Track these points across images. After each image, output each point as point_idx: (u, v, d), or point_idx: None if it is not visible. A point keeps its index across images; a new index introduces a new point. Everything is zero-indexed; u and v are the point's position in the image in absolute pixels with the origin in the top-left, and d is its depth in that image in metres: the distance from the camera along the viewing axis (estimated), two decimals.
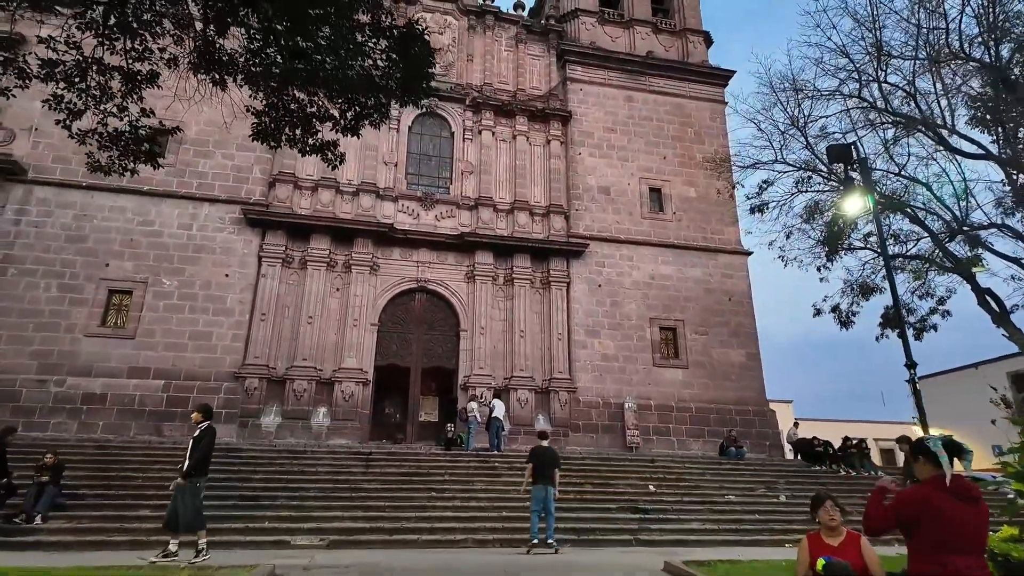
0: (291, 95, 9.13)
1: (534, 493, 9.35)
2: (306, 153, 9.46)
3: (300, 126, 9.19)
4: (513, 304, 19.56)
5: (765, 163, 14.99)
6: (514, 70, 23.20)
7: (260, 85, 8.96)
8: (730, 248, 22.34)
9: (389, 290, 19.05)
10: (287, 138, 9.34)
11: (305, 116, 9.16)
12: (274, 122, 9.24)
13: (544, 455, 9.65)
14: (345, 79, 8.75)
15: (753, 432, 20.00)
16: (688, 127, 23.75)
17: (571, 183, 21.60)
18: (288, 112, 9.17)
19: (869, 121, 13.28)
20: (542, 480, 9.32)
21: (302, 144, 9.33)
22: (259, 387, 16.88)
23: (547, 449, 9.89)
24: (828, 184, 14.26)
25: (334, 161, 9.53)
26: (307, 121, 9.17)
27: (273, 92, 8.96)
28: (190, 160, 18.73)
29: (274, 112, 9.21)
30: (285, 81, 8.90)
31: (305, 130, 9.23)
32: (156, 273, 17.36)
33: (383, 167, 20.30)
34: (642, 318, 20.48)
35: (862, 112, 13.33)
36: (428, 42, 8.55)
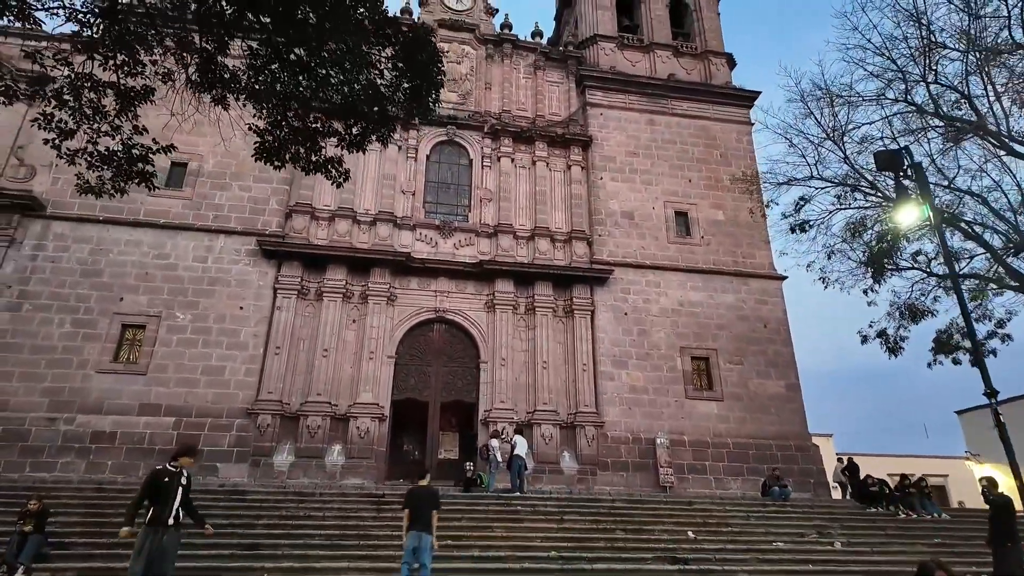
0: (294, 111, 8.64)
1: (406, 541, 8.00)
2: (309, 171, 8.92)
3: (304, 143, 8.65)
4: (535, 334, 18.72)
5: (800, 180, 14.07)
6: (533, 97, 22.86)
7: (263, 102, 8.49)
8: (763, 272, 21.25)
9: (407, 321, 18.39)
10: (291, 156, 8.81)
11: (309, 132, 8.64)
12: (277, 141, 8.73)
13: (421, 496, 8.29)
14: (351, 92, 8.25)
15: (796, 469, 18.57)
16: (714, 149, 23.00)
17: (593, 208, 20.91)
18: (292, 129, 8.67)
19: (911, 131, 12.33)
20: (417, 525, 7.98)
21: (305, 161, 8.78)
22: (272, 424, 16.21)
23: (425, 489, 8.49)
24: (870, 199, 13.28)
25: (338, 179, 8.97)
26: (311, 138, 8.64)
27: (276, 108, 8.48)
28: (207, 192, 18.57)
29: (277, 130, 8.71)
30: (288, 97, 8.43)
31: (309, 147, 8.69)
32: (170, 307, 17.01)
33: (401, 196, 19.90)
34: (672, 347, 19.41)
35: (905, 120, 12.42)
36: (435, 45, 7.96)
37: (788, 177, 14.11)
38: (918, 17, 11.55)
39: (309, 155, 8.74)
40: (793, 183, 14.20)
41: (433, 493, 8.44)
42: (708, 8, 26.25)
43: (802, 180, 14.01)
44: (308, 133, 8.65)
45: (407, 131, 20.78)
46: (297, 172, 19.29)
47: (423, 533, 7.94)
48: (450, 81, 22.14)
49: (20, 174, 17.66)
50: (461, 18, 23.44)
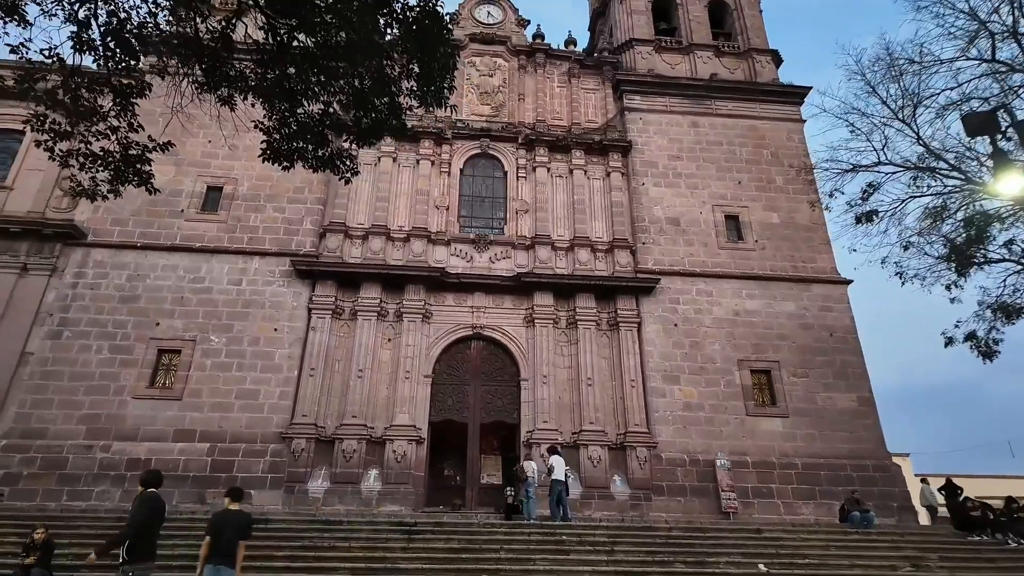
0: (303, 106, 8.05)
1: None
2: (318, 167, 8.27)
3: (312, 139, 8.04)
4: (578, 349, 17.60)
5: (866, 166, 12.63)
6: (568, 105, 22.12)
7: (271, 99, 7.93)
8: (825, 277, 19.57)
9: (443, 338, 17.62)
10: (299, 153, 8.20)
11: (317, 128, 8.01)
12: (285, 139, 8.14)
13: (225, 521, 6.70)
14: (359, 83, 7.61)
15: (875, 492, 16.65)
16: (763, 149, 21.62)
17: (636, 215, 19.80)
18: (300, 126, 8.07)
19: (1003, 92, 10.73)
20: (216, 557, 6.42)
21: (313, 157, 8.15)
22: (306, 448, 15.59)
23: (231, 514, 6.84)
24: (951, 182, 11.68)
25: (346, 174, 8.34)
26: (320, 134, 8.01)
27: (283, 103, 7.90)
28: (241, 215, 18.47)
29: (285, 129, 8.12)
30: (295, 93, 7.85)
31: (318, 143, 8.06)
32: (205, 330, 16.78)
33: (434, 211, 19.34)
34: (729, 360, 17.92)
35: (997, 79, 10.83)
36: (442, 17, 7.21)
37: (852, 164, 12.72)
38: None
39: (316, 151, 8.10)
40: (859, 170, 12.77)
41: (241, 519, 6.83)
42: (749, 7, 25.09)
43: (868, 167, 12.58)
44: (316, 129, 8.02)
45: (439, 146, 20.37)
46: (330, 192, 19.25)
47: (222, 567, 6.41)
48: (482, 94, 21.77)
49: (63, 205, 17.97)
50: (492, 31, 23.08)
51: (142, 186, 8.25)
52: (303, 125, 7.97)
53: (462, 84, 22.10)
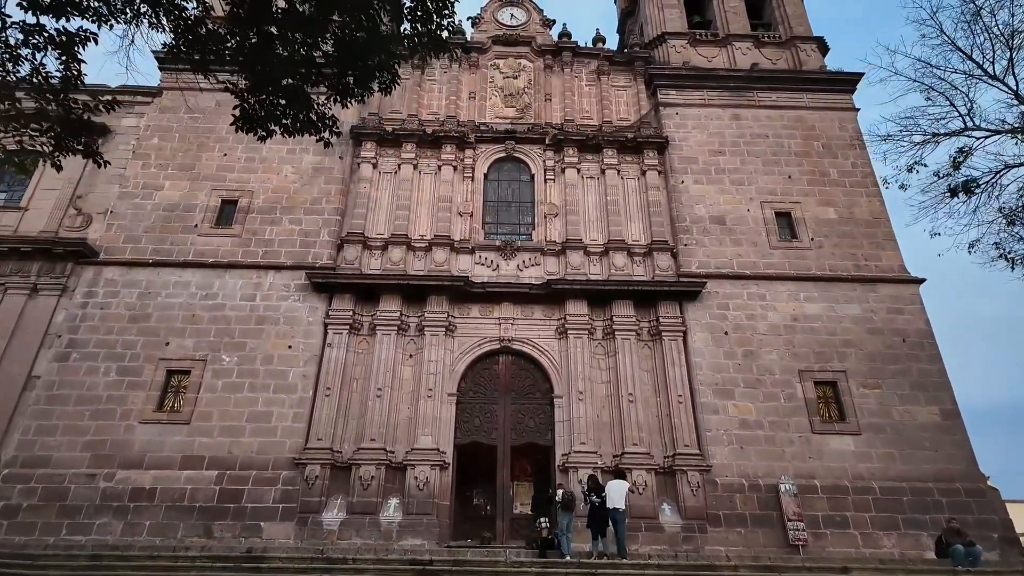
0: (283, 66, 6.88)
1: None
2: (295, 132, 7.01)
3: (294, 102, 6.83)
4: (616, 361, 15.91)
5: (948, 134, 10.78)
6: (598, 103, 20.78)
7: (249, 61, 6.78)
8: (893, 276, 17.46)
9: (468, 353, 16.20)
10: (277, 117, 7.00)
11: (299, 90, 6.80)
12: (261, 104, 6.95)
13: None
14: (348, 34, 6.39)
15: (970, 520, 14.32)
16: (814, 140, 19.77)
17: (676, 215, 18.16)
18: (279, 88, 6.88)
19: None
20: None
21: (293, 121, 6.93)
22: (321, 475, 14.25)
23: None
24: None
25: (324, 134, 6.99)
26: (300, 93, 6.80)
27: (262, 63, 6.73)
28: (256, 228, 17.60)
29: (262, 94, 6.95)
30: (274, 50, 6.68)
31: (300, 105, 6.85)
32: (216, 349, 15.78)
33: (457, 219, 18.12)
34: (788, 371, 15.95)
35: None
36: None
37: (931, 133, 10.90)
38: None
39: (298, 114, 6.88)
40: (939, 139, 10.93)
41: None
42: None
43: (952, 133, 10.74)
44: (297, 88, 6.81)
45: (462, 150, 19.26)
46: (349, 202, 18.26)
47: None
48: (507, 96, 20.67)
49: (76, 223, 17.43)
50: (516, 33, 22.08)
51: (91, 159, 7.02)
52: (283, 88, 6.75)
53: (485, 87, 21.12)
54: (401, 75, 20.94)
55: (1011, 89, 9.75)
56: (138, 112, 19.74)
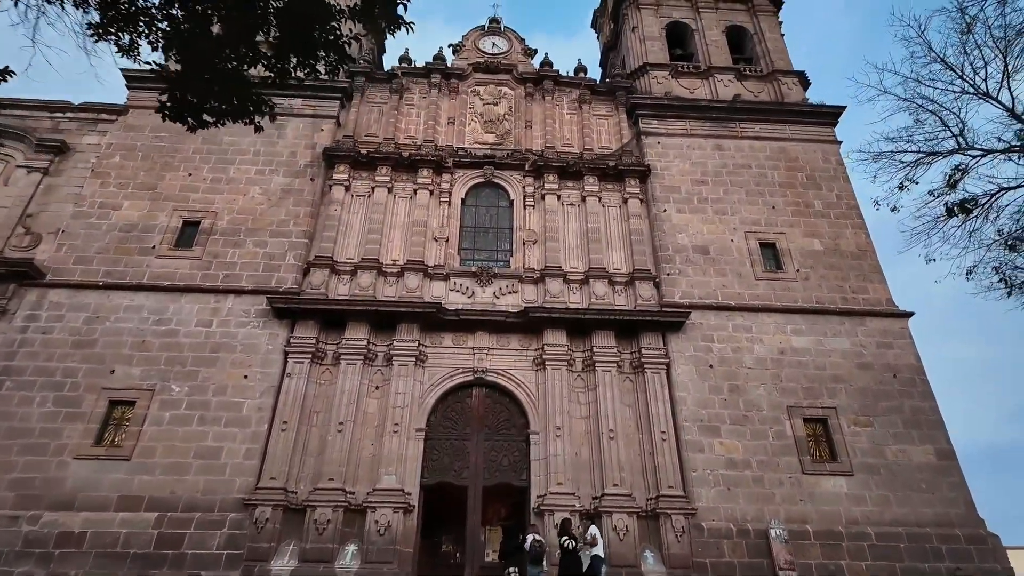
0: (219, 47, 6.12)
1: None
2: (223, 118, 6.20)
3: (230, 85, 6.04)
4: (596, 395, 15.00)
5: (942, 153, 10.31)
6: (579, 132, 20.40)
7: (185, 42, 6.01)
8: (881, 309, 16.92)
9: (439, 385, 15.18)
10: (209, 103, 6.20)
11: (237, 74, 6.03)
12: (192, 90, 6.16)
13: None
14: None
15: (971, 569, 13.44)
16: (797, 171, 19.49)
17: (658, 244, 17.56)
18: (214, 71, 6.11)
19: None
20: None
21: (230, 107, 6.13)
22: (272, 518, 12.98)
23: None
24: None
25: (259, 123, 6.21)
26: (237, 76, 6.02)
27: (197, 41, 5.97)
28: (218, 251, 16.64)
29: (196, 80, 6.16)
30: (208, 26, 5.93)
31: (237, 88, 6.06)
32: (166, 378, 14.60)
33: (432, 244, 17.34)
34: (776, 407, 15.14)
35: None
36: None
37: (923, 152, 10.42)
38: None
39: (233, 99, 6.09)
40: (931, 158, 10.45)
41: None
42: (770, 30, 23.66)
43: (945, 153, 10.27)
44: (236, 75, 6.05)
45: (439, 175, 18.64)
46: (319, 225, 17.43)
47: None
48: (487, 122, 20.24)
49: (24, 243, 16.34)
50: (497, 60, 21.83)
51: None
52: (220, 72, 5.98)
53: (464, 113, 20.68)
54: (378, 98, 20.60)
55: (1006, 107, 9.36)
56: (101, 130, 18.92)
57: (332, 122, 19.39)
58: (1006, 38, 8.84)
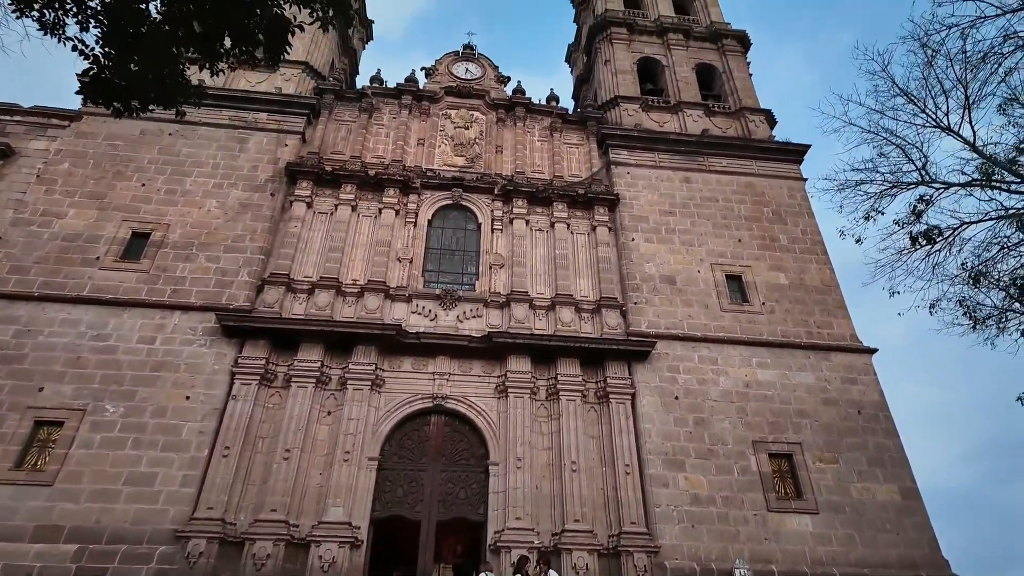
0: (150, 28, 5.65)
1: None
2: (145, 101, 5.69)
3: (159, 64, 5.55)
4: (559, 425, 14.48)
5: (904, 184, 10.34)
6: (549, 159, 20.33)
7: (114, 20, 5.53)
8: (845, 345, 16.93)
9: (396, 411, 14.49)
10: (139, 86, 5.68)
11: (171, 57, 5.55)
12: (122, 74, 5.64)
13: None
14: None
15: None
16: (763, 206, 19.67)
17: (626, 272, 17.37)
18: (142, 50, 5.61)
19: None
20: None
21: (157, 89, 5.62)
22: (207, 552, 11.98)
23: None
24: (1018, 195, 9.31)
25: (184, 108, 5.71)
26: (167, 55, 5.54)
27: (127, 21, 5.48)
28: (168, 264, 15.81)
29: (127, 61, 5.66)
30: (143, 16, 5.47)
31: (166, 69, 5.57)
32: (100, 398, 13.59)
33: (396, 264, 16.83)
34: (741, 441, 14.83)
35: None
36: None
37: (888, 183, 10.44)
38: None
39: (163, 79, 5.59)
40: (896, 190, 10.46)
41: None
42: (738, 69, 24.23)
43: (908, 185, 10.30)
44: (164, 49, 5.56)
45: (406, 195, 18.26)
46: (277, 241, 16.81)
47: None
48: (457, 145, 20.01)
49: None
50: (470, 85, 21.77)
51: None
52: (147, 49, 5.49)
53: (435, 135, 20.46)
54: (346, 117, 20.23)
55: (967, 141, 9.46)
56: (51, 136, 18.07)
57: (297, 138, 18.91)
58: (966, 70, 8.97)
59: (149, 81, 5.64)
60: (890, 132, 10.27)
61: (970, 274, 9.59)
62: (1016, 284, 9.62)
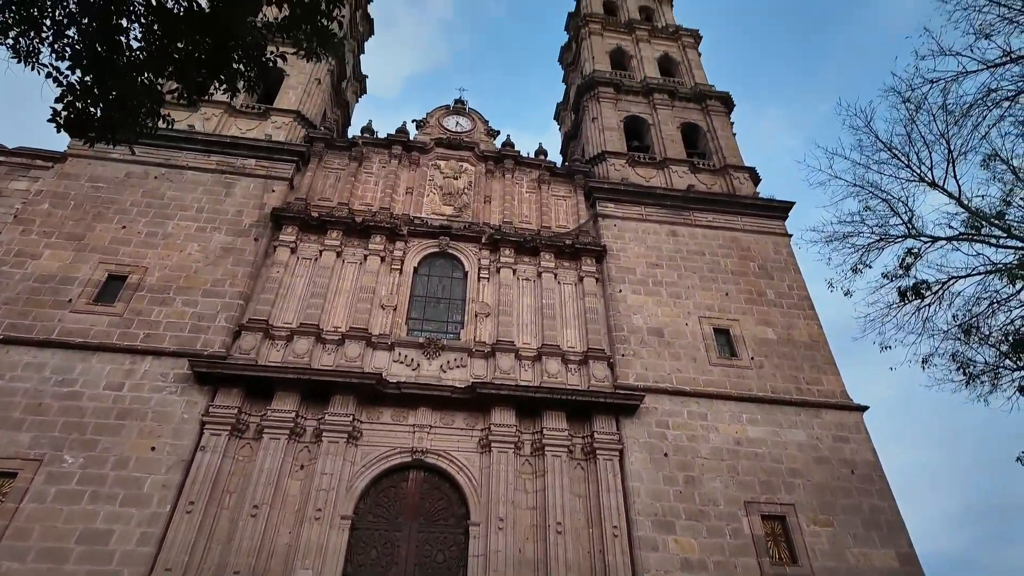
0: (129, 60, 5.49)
1: None
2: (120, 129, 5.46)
3: (139, 94, 5.36)
4: (545, 483, 13.86)
5: (890, 237, 10.35)
6: (537, 210, 20.42)
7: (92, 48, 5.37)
8: (835, 402, 16.63)
9: (372, 466, 13.81)
10: (115, 115, 5.45)
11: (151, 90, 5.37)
12: (92, 99, 5.44)
13: None
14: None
15: None
16: (749, 261, 19.74)
17: (613, 324, 17.13)
18: (124, 83, 5.43)
19: None
20: None
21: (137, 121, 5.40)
22: None
23: None
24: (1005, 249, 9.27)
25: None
26: (147, 88, 5.36)
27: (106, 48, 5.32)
28: (143, 308, 15.32)
29: (103, 90, 5.47)
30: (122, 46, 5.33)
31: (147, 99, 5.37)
32: (59, 447, 12.82)
33: (379, 312, 16.47)
34: (733, 502, 14.26)
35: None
36: None
37: (876, 236, 10.43)
38: None
39: (143, 108, 5.38)
40: (883, 243, 10.45)
41: None
42: (722, 128, 24.89)
43: (895, 238, 10.30)
44: (147, 89, 5.39)
45: (392, 242, 18.11)
46: (257, 286, 16.45)
47: None
48: (445, 195, 20.06)
49: None
50: (460, 137, 22.06)
51: None
52: (124, 78, 5.30)
53: (423, 184, 20.54)
54: (336, 164, 20.31)
55: (952, 195, 9.54)
56: (33, 176, 17.85)
57: (285, 184, 18.85)
58: (949, 125, 9.12)
59: (124, 110, 5.45)
60: (875, 186, 10.37)
61: (961, 327, 9.47)
62: (1008, 340, 9.48)
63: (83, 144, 14.51)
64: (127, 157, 17.95)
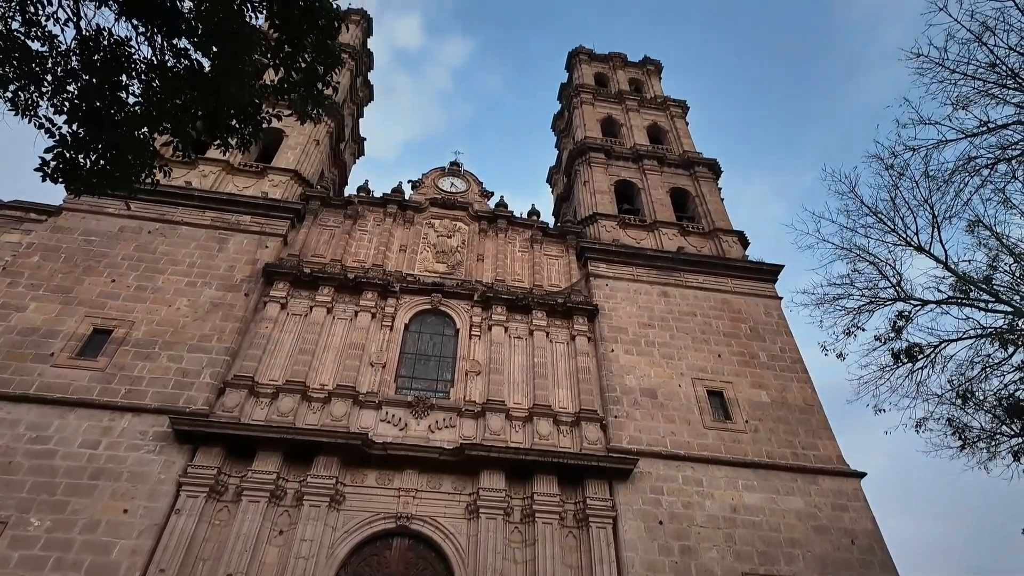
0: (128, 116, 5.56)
1: None
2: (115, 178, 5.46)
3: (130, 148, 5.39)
4: (535, 552, 13.25)
5: (881, 300, 10.39)
6: (529, 268, 20.55)
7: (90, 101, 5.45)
8: (832, 468, 16.28)
9: (355, 532, 13.20)
10: (109, 168, 5.47)
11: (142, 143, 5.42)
12: (83, 150, 5.47)
13: None
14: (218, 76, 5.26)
15: None
16: (741, 323, 19.77)
17: (606, 384, 16.92)
18: (118, 137, 5.48)
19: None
20: None
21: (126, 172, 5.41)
22: None
23: None
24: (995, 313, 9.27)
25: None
26: (139, 142, 5.40)
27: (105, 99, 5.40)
28: (126, 363, 15.01)
29: (94, 143, 5.51)
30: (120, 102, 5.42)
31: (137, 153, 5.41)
32: (26, 509, 12.21)
33: (368, 369, 16.21)
34: (731, 573, 13.66)
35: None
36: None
37: (866, 299, 10.49)
38: None
39: (135, 160, 5.40)
40: (873, 306, 10.49)
41: None
42: (710, 193, 25.50)
43: (886, 301, 10.35)
44: (146, 144, 5.43)
45: (384, 299, 18.05)
46: (245, 342, 16.24)
47: None
48: (439, 253, 20.20)
49: None
50: (454, 197, 22.43)
51: None
52: (118, 131, 5.35)
53: (417, 242, 20.71)
54: (331, 221, 20.50)
55: (938, 259, 9.68)
56: (26, 229, 17.86)
57: (279, 240, 18.94)
58: (931, 191, 9.35)
59: (119, 163, 5.47)
60: (863, 249, 10.52)
61: (957, 392, 9.39)
62: (1002, 404, 9.39)
63: (74, 196, 14.63)
64: (122, 212, 18.07)
